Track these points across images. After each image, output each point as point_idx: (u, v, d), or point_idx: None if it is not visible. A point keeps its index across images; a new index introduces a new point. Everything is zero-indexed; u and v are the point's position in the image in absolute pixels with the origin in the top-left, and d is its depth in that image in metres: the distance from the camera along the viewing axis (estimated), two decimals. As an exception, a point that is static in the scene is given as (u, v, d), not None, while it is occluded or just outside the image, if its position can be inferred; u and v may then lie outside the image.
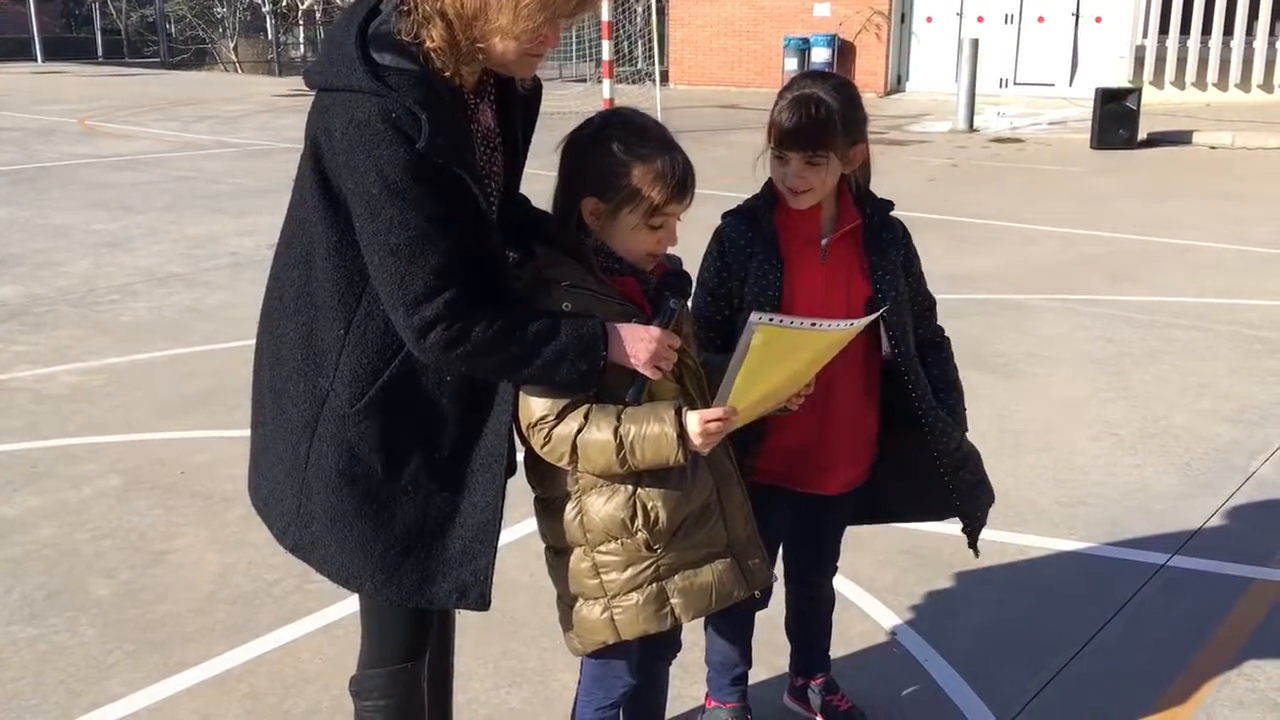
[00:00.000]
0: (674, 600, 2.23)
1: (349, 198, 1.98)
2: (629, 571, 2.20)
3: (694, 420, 2.10)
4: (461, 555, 2.16)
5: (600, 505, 2.19)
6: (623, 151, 2.11)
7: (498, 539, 2.15)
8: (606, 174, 2.11)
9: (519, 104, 2.20)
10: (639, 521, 2.17)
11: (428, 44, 1.95)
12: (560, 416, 2.10)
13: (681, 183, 2.12)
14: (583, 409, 2.11)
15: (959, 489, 2.72)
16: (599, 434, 2.09)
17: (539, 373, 2.05)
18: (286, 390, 2.15)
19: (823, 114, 2.41)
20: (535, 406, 2.11)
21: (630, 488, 2.17)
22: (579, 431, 2.10)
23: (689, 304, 2.36)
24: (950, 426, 2.67)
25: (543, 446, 2.13)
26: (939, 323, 2.79)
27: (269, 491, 2.25)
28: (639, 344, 2.08)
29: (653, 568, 2.21)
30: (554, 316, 2.06)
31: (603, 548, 2.21)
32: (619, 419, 2.09)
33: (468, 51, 1.98)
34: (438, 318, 1.96)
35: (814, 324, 2.14)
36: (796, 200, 2.51)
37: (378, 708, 2.33)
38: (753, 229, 2.56)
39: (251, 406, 2.29)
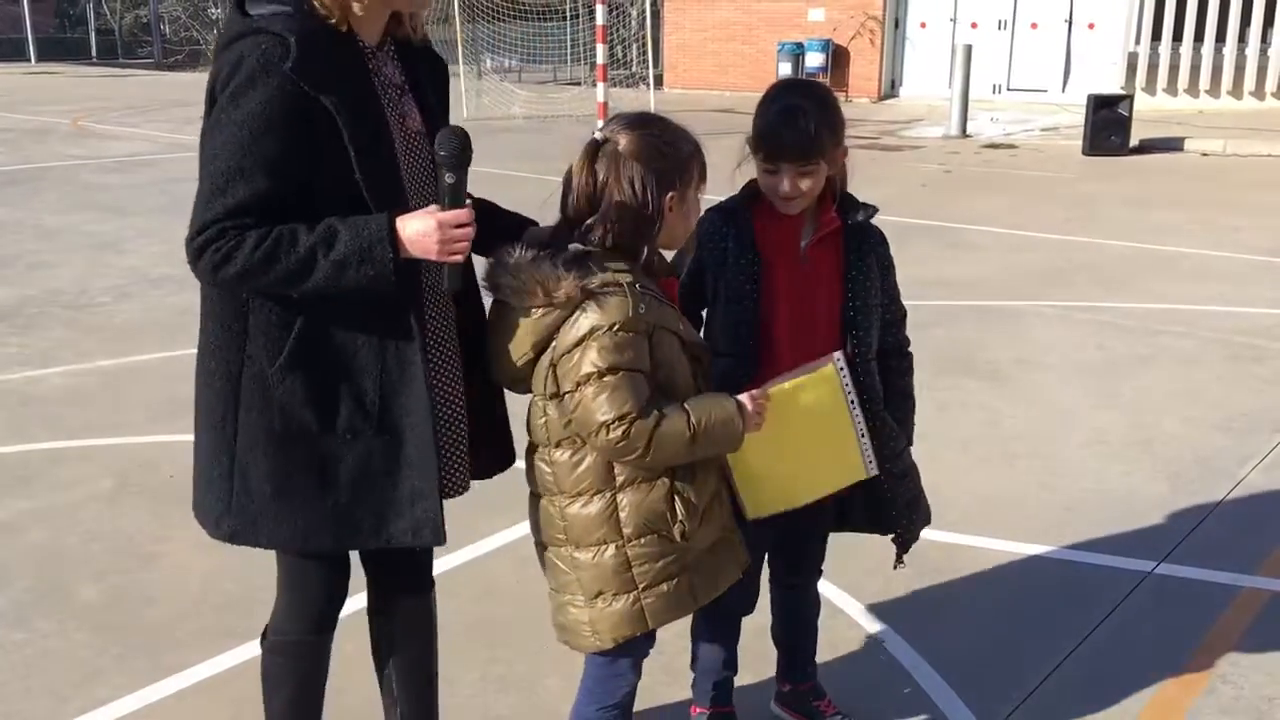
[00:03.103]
0: (697, 586, 2.34)
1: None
2: (661, 563, 2.28)
3: (746, 400, 2.26)
4: (411, 495, 2.23)
5: (639, 500, 2.25)
6: (670, 142, 2.25)
7: (437, 475, 2.22)
8: (671, 167, 2.23)
9: (423, 62, 2.30)
10: (680, 512, 2.26)
11: (315, 1, 2.07)
12: (644, 412, 2.15)
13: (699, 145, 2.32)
14: (654, 406, 2.18)
15: (898, 499, 2.72)
16: (676, 425, 2.18)
17: (325, 283, 2.05)
18: (209, 375, 2.20)
19: (812, 124, 2.44)
20: (612, 404, 2.14)
21: (667, 481, 2.26)
22: (656, 426, 2.16)
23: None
24: (896, 434, 2.68)
25: (620, 442, 2.15)
26: (909, 334, 2.81)
27: (200, 491, 2.29)
28: (424, 239, 2.07)
29: (679, 557, 2.29)
30: (335, 225, 2.05)
31: (639, 541, 2.26)
32: (687, 411, 2.19)
33: None
34: (208, 241, 2.03)
35: (853, 403, 2.39)
36: (789, 206, 2.53)
37: (282, 665, 2.51)
38: (729, 225, 2.57)
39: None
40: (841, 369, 2.34)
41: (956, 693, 3.19)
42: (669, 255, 2.37)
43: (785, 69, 20.53)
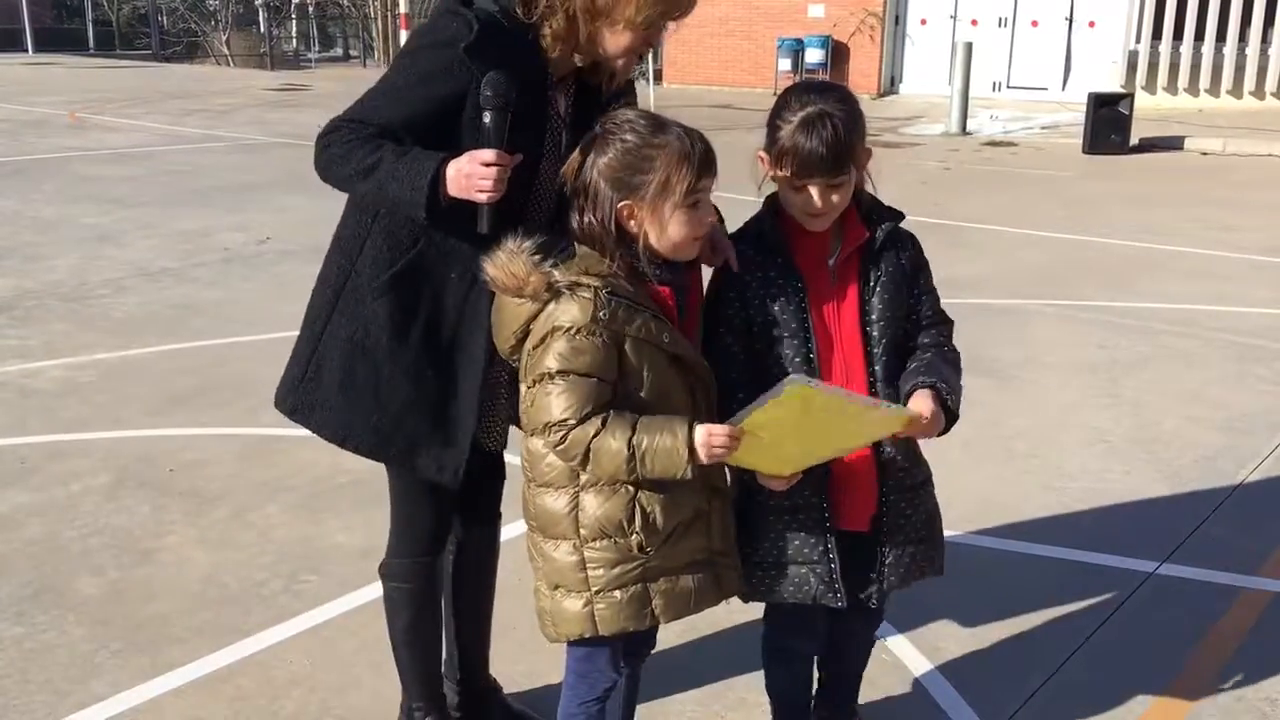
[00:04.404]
0: (655, 601, 2.28)
1: None
2: (617, 570, 2.25)
3: (700, 433, 2.13)
4: (445, 439, 2.47)
5: (599, 504, 2.23)
6: (639, 148, 2.17)
7: (472, 430, 2.47)
8: (633, 175, 2.17)
9: (599, 112, 2.37)
10: (637, 523, 2.22)
11: (545, 30, 2.30)
12: (582, 420, 2.13)
13: (705, 157, 2.20)
14: (601, 414, 2.14)
15: (892, 532, 2.47)
16: (613, 442, 2.13)
17: (377, 189, 2.28)
18: (325, 274, 2.52)
19: (841, 134, 2.24)
20: (556, 407, 2.14)
21: (631, 490, 2.22)
22: (595, 435, 2.13)
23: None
24: (913, 463, 2.51)
25: (557, 446, 2.17)
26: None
27: (283, 375, 2.59)
28: (458, 174, 2.22)
29: (640, 569, 2.25)
30: (414, 148, 2.26)
31: (595, 544, 2.25)
32: (633, 429, 2.13)
33: (586, 40, 2.32)
34: (326, 132, 2.34)
35: (848, 395, 2.18)
36: (817, 223, 2.36)
37: (400, 589, 2.74)
38: (764, 254, 2.39)
39: None
40: (805, 383, 2.12)
41: (960, 693, 3.19)
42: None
43: (785, 65, 20.49)
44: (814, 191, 2.29)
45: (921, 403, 2.30)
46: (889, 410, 2.24)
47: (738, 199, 2.59)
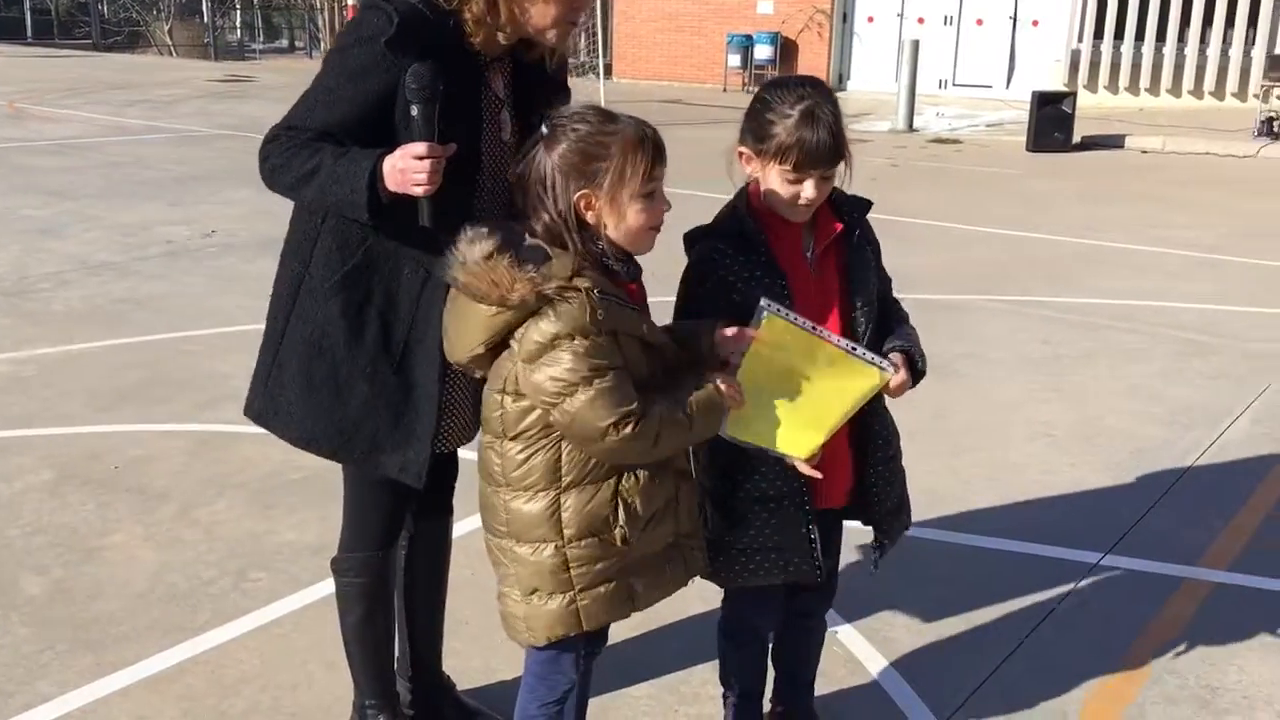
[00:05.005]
0: (637, 590, 2.32)
1: None
2: (600, 565, 2.27)
3: (719, 380, 2.26)
4: (407, 437, 2.47)
5: (583, 502, 2.23)
6: (592, 136, 2.16)
7: (434, 428, 2.47)
8: (589, 163, 2.16)
9: (542, 84, 2.43)
10: (621, 516, 2.23)
11: (466, 15, 2.29)
12: (645, 406, 2.15)
13: (657, 144, 2.21)
14: (648, 398, 2.17)
15: (885, 502, 2.63)
16: (675, 414, 2.19)
17: (319, 192, 2.31)
18: (281, 276, 2.53)
19: (837, 124, 2.32)
20: (609, 405, 2.12)
21: (612, 484, 2.24)
22: (660, 413, 2.17)
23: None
24: (893, 436, 2.64)
25: (632, 440, 2.14)
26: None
27: (252, 378, 2.59)
28: (392, 169, 2.23)
29: (621, 560, 2.28)
30: (352, 149, 2.28)
31: (579, 543, 2.25)
32: (675, 399, 2.21)
33: (508, 19, 2.31)
34: (267, 140, 2.37)
35: (815, 329, 2.29)
36: (803, 214, 2.41)
37: (353, 584, 2.72)
38: (745, 252, 2.40)
39: None
40: (775, 310, 2.26)
41: (909, 684, 3.23)
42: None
43: (734, 61, 20.61)
44: (810, 183, 2.35)
45: (895, 361, 2.44)
46: (864, 360, 2.35)
47: (690, 194, 2.61)
